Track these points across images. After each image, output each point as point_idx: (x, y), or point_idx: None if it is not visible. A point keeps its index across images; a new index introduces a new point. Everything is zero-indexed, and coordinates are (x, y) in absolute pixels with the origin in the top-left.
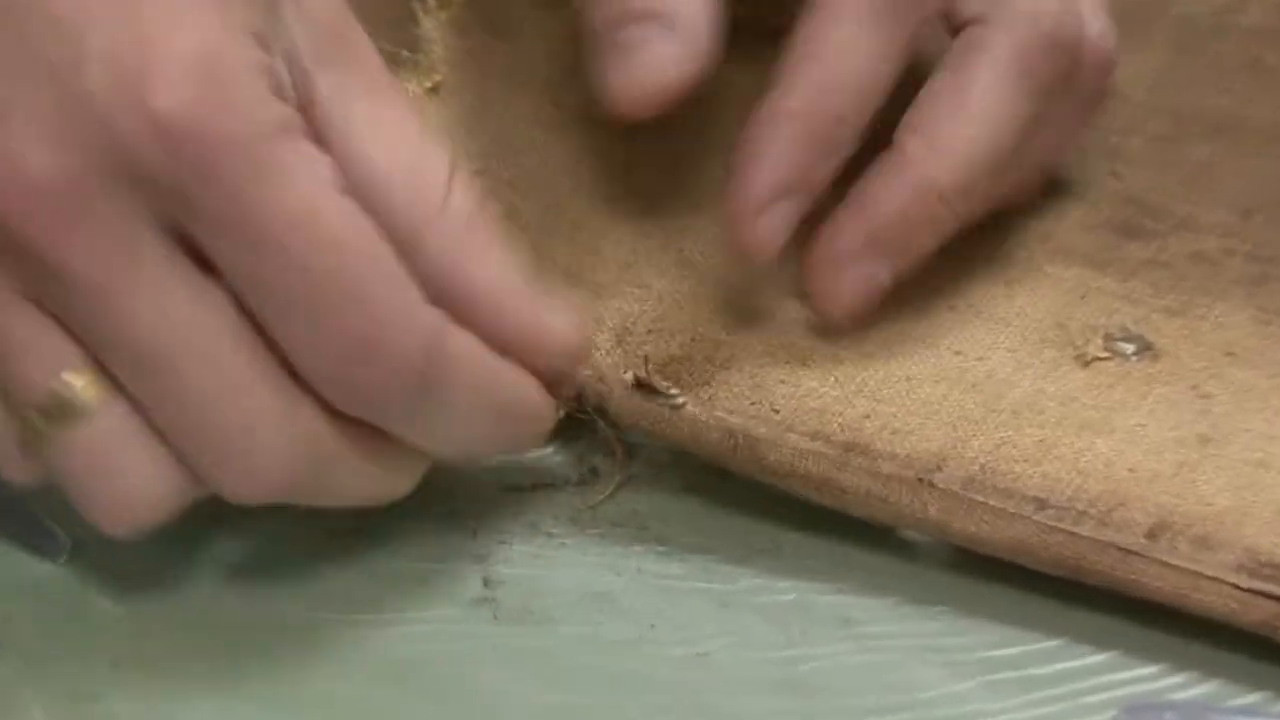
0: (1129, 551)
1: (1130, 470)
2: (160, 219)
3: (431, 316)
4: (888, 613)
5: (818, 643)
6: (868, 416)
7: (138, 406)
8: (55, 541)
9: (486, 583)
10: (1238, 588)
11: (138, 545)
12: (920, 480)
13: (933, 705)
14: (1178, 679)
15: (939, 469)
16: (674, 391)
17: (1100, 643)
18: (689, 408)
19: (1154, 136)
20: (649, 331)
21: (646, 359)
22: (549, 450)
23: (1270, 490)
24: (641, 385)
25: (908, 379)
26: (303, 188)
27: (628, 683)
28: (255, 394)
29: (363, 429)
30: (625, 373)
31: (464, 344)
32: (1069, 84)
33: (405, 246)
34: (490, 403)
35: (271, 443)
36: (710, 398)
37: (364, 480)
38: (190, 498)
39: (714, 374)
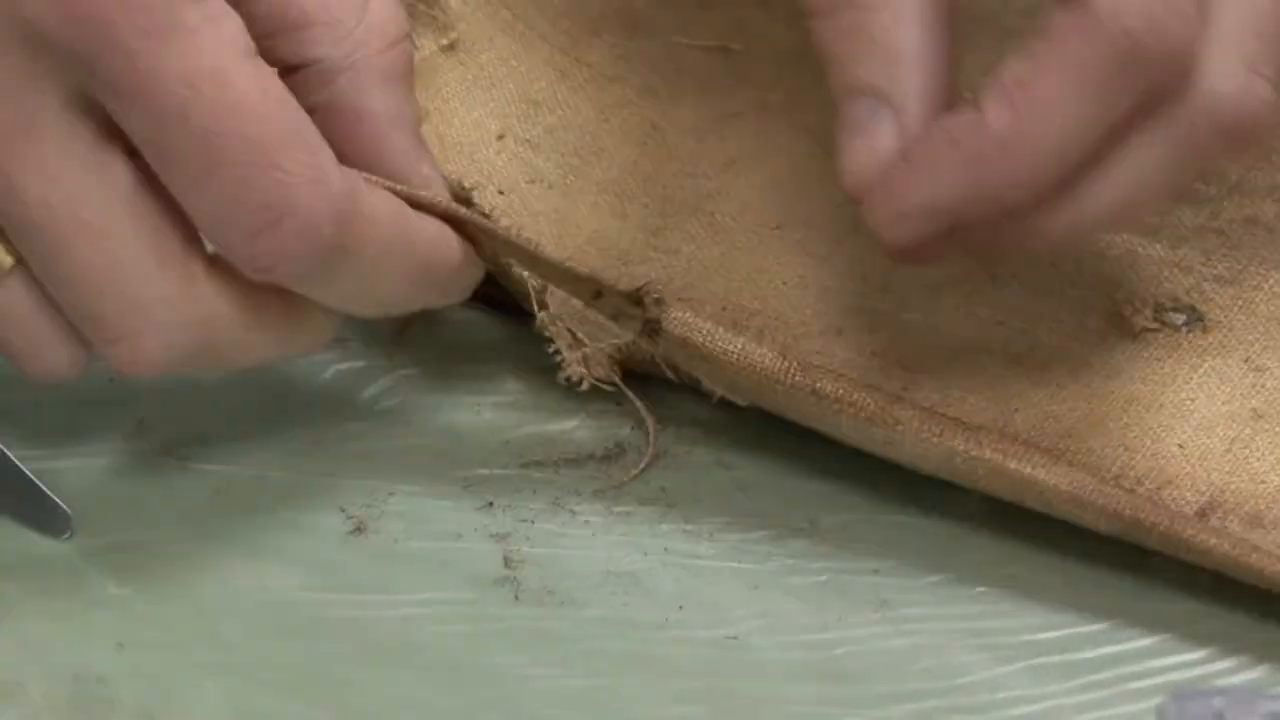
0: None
1: (1180, 446)
2: (67, 89)
3: (343, 180)
4: (926, 594)
5: (853, 625)
6: (905, 388)
7: (38, 278)
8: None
9: (507, 562)
10: None
11: (140, 523)
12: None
13: (973, 690)
14: (1226, 664)
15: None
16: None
17: (1148, 626)
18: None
19: None
20: (677, 300)
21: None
22: (573, 424)
23: None
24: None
25: (947, 350)
26: (206, 49)
27: (654, 667)
28: (146, 275)
29: (267, 297)
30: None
31: (379, 205)
32: (1158, 114)
33: (322, 63)
34: (408, 262)
35: (161, 324)
36: None
37: (268, 348)
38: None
39: (744, 344)
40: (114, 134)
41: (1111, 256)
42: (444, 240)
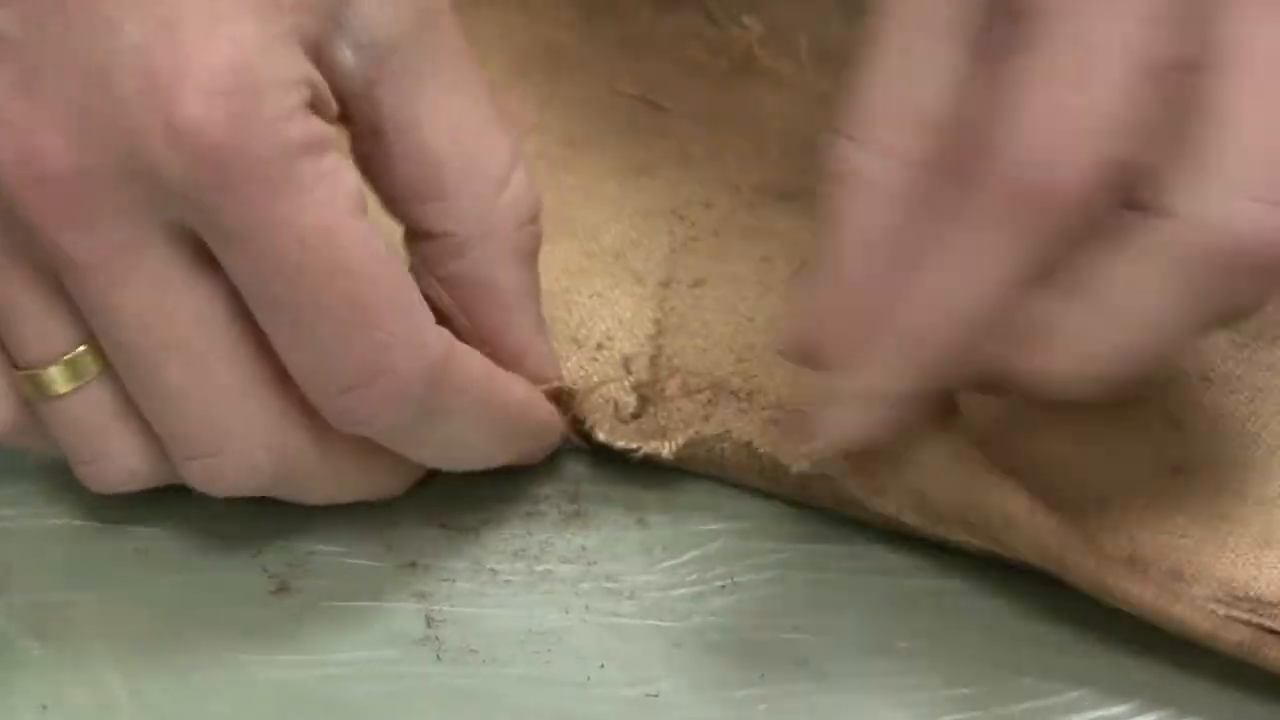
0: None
1: (1099, 502)
2: (168, 217)
3: (439, 343)
4: (847, 651)
5: (775, 683)
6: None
7: (125, 388)
8: None
9: (429, 621)
10: (1214, 612)
11: (63, 584)
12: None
13: None
14: (1151, 717)
15: (901, 510)
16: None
17: (1071, 680)
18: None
19: None
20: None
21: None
22: (493, 484)
23: (1245, 522)
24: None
25: None
26: (319, 209)
27: None
28: (232, 400)
29: (352, 442)
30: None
31: (470, 368)
32: None
33: (457, 236)
34: (494, 424)
35: (241, 449)
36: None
37: (347, 487)
38: (168, 477)
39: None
40: (214, 264)
41: None
42: (532, 403)
